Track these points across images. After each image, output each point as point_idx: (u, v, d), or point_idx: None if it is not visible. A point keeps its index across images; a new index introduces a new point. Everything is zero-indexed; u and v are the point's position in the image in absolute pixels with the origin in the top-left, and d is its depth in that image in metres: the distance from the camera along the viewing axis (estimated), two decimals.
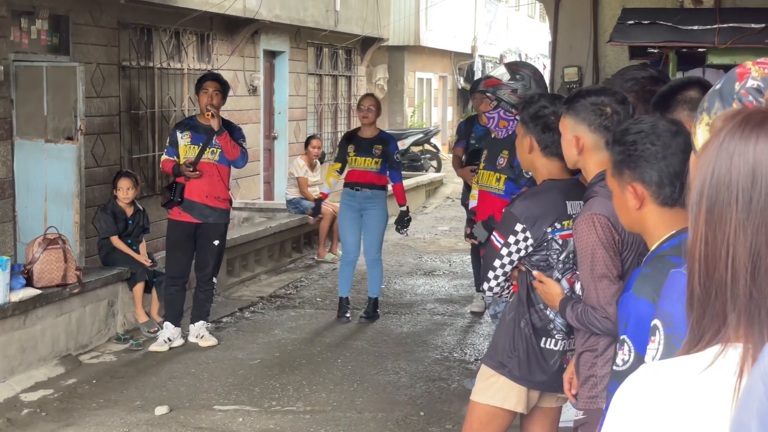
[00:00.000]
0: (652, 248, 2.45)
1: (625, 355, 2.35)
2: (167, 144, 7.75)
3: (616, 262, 3.11)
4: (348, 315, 8.55)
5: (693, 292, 1.21)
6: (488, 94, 5.65)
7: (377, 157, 8.39)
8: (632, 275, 2.46)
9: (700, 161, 1.22)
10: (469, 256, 9.63)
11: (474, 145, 8.26)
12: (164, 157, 7.71)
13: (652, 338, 1.93)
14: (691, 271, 1.22)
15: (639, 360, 2.23)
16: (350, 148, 8.49)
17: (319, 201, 8.81)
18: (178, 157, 7.56)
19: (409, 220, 8.80)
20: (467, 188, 8.16)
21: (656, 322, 1.93)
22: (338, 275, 8.82)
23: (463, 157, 8.42)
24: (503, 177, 5.65)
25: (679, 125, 2.59)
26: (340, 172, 8.67)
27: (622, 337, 2.39)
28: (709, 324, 1.19)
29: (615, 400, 1.24)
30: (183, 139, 7.58)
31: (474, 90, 6.67)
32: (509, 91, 5.40)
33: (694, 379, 1.17)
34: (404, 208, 8.61)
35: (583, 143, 3.28)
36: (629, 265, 3.13)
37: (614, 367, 2.41)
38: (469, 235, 6.23)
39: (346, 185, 8.58)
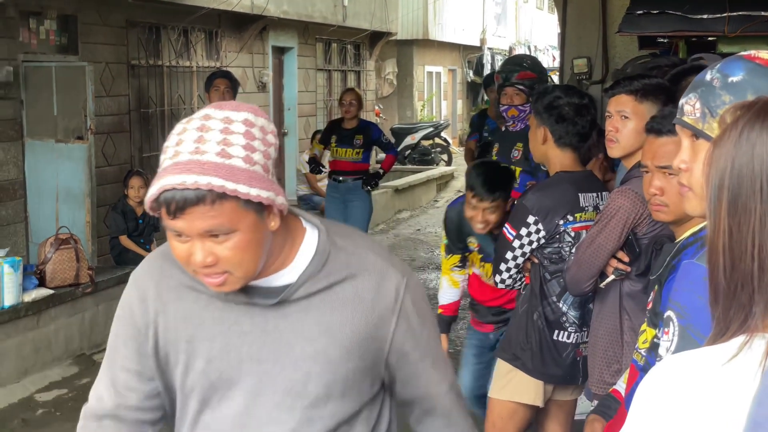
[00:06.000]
0: (695, 230, 2.42)
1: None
2: None
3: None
4: None
5: (717, 285, 1.20)
6: (521, 87, 5.60)
7: (358, 147, 8.66)
8: (685, 255, 2.41)
9: (715, 153, 1.21)
10: None
11: (487, 138, 8.25)
12: None
13: (666, 330, 1.91)
14: (714, 263, 1.20)
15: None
16: (333, 138, 8.70)
17: (312, 159, 9.10)
18: None
19: (376, 183, 8.89)
20: None
21: (670, 313, 1.91)
22: None
23: (476, 151, 8.41)
24: (518, 170, 5.62)
25: None
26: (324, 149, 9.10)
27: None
28: (735, 315, 1.19)
29: (639, 393, 1.23)
30: None
31: (503, 83, 6.27)
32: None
33: (718, 370, 1.16)
34: (381, 171, 8.73)
35: None
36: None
37: (655, 340, 2.34)
38: None
39: (330, 175, 8.86)
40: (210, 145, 1.69)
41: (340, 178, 8.69)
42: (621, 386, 2.71)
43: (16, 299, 6.52)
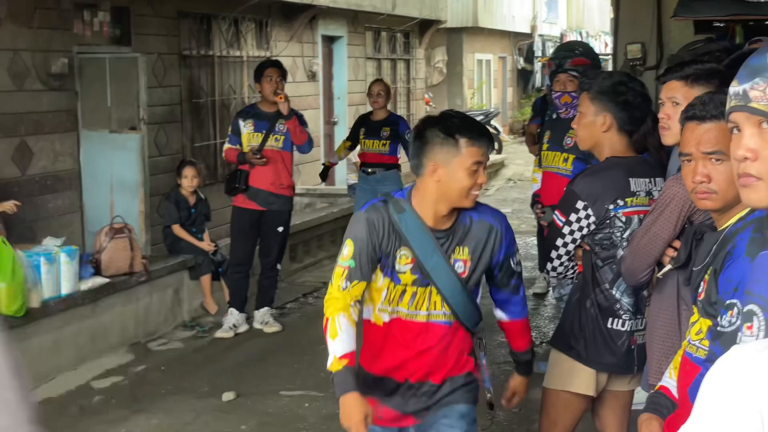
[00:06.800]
0: (742, 214, 2.35)
1: (733, 317, 2.24)
2: (229, 132, 7.80)
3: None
4: None
5: None
6: (574, 74, 5.52)
7: (385, 139, 8.70)
8: (740, 240, 2.35)
9: None
10: (532, 238, 9.55)
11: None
12: (227, 145, 7.75)
13: (749, 324, 1.83)
14: None
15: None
16: (361, 131, 8.80)
17: (326, 168, 9.24)
18: (241, 145, 7.60)
19: None
20: None
21: (753, 307, 1.83)
22: None
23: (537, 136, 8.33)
24: (571, 157, 5.56)
25: None
26: (350, 149, 9.13)
27: (729, 301, 2.26)
28: None
29: (705, 384, 1.21)
30: (246, 127, 7.61)
31: (556, 69, 6.16)
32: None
33: None
34: None
35: None
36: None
37: (718, 328, 2.30)
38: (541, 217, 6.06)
39: (361, 167, 8.93)
40: None
41: (369, 170, 8.77)
42: (668, 382, 2.66)
43: (73, 287, 6.62)
